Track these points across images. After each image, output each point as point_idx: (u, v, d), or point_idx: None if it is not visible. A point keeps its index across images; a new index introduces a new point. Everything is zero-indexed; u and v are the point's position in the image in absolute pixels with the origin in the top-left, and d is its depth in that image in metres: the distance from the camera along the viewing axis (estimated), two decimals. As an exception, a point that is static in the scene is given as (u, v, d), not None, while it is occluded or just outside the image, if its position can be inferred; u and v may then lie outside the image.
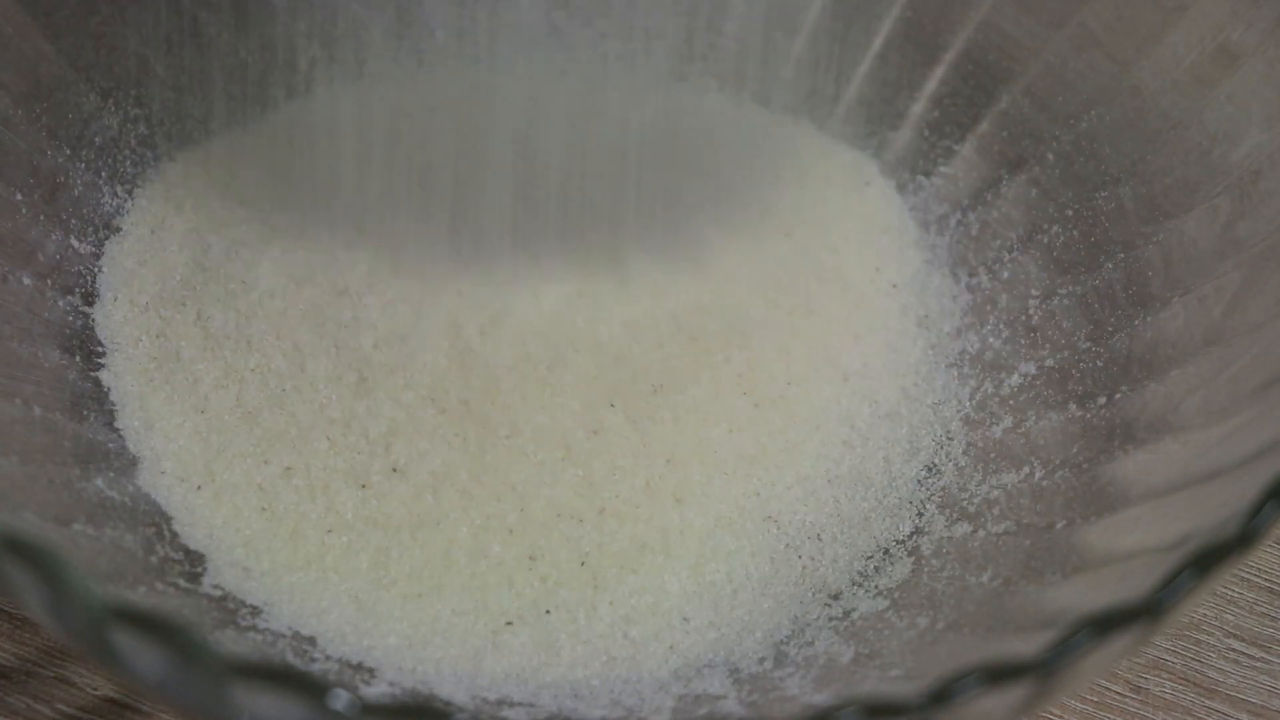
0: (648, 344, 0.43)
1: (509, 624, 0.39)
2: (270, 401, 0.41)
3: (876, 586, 0.41)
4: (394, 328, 0.42)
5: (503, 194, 0.44)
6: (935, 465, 0.43)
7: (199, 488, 0.40)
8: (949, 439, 0.44)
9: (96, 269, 0.44)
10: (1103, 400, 0.42)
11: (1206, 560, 0.30)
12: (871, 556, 0.42)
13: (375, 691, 0.36)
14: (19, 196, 0.42)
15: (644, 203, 0.45)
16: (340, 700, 0.27)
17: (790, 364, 0.44)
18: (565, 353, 0.42)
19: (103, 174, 0.45)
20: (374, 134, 0.44)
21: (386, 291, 0.43)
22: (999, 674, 0.28)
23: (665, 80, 0.45)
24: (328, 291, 0.43)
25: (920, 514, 0.42)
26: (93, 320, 0.43)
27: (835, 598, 0.41)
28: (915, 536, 0.42)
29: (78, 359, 0.42)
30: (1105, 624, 0.29)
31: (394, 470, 0.40)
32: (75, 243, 0.43)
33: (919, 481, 0.43)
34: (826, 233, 0.47)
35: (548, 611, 0.39)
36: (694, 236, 0.45)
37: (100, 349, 0.42)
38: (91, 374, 0.42)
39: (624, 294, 0.44)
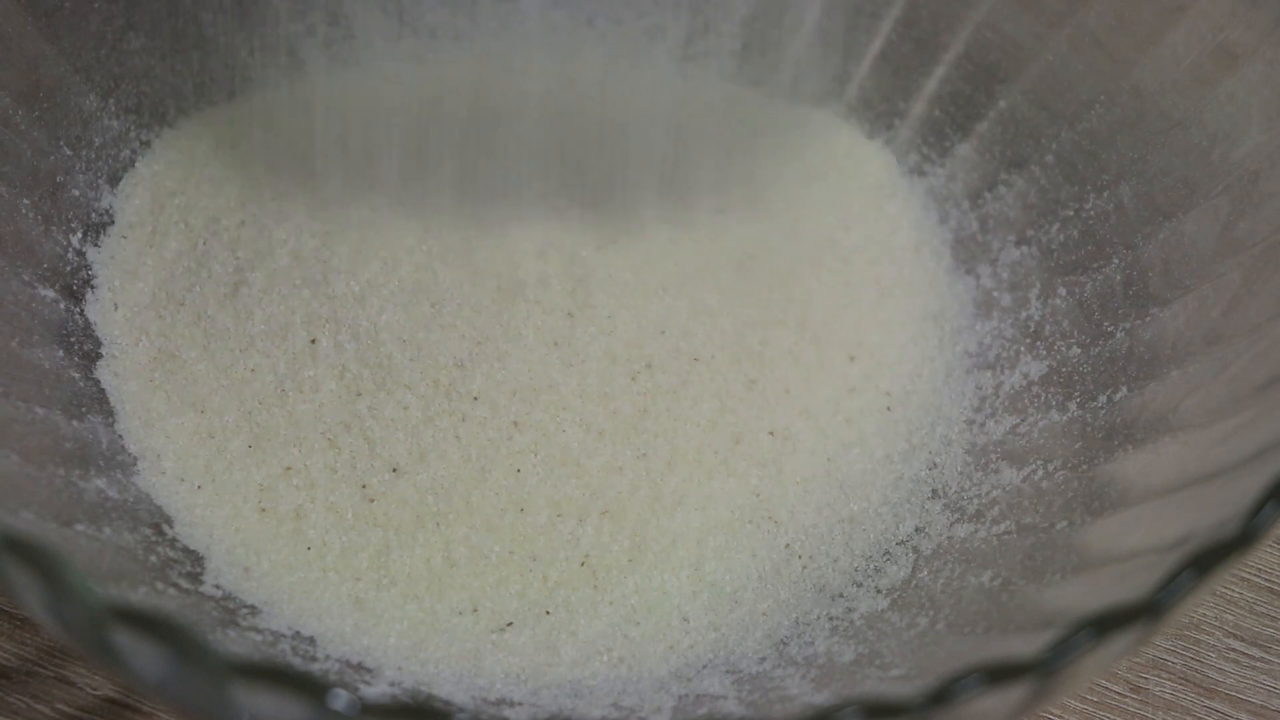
0: (648, 345, 0.43)
1: (509, 624, 0.39)
2: (270, 401, 0.41)
3: (876, 586, 0.41)
4: (394, 328, 0.42)
5: (504, 192, 0.44)
6: (936, 465, 0.43)
7: (199, 488, 0.40)
8: (949, 439, 0.44)
9: (96, 269, 0.44)
10: (1103, 400, 0.42)
11: (1206, 560, 0.30)
12: (871, 556, 0.42)
13: (375, 691, 0.36)
14: (19, 196, 0.42)
15: (641, 204, 0.45)
16: (340, 700, 0.27)
17: (791, 365, 0.44)
18: (566, 354, 0.42)
19: (103, 174, 0.45)
20: (374, 130, 0.43)
21: (387, 292, 0.43)
22: (999, 674, 0.28)
23: (669, 73, 0.45)
24: (328, 292, 0.43)
25: (920, 514, 0.42)
26: (93, 320, 0.43)
27: (835, 598, 0.41)
28: (915, 536, 0.42)
29: (78, 359, 0.42)
30: (1105, 624, 0.29)
31: (394, 470, 0.40)
32: (75, 243, 0.43)
33: (919, 481, 0.43)
34: (828, 230, 0.47)
35: (548, 611, 0.39)
36: (696, 236, 0.45)
37: (100, 349, 0.42)
38: (91, 374, 0.42)
39: (625, 297, 0.44)
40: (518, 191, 0.44)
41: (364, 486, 0.40)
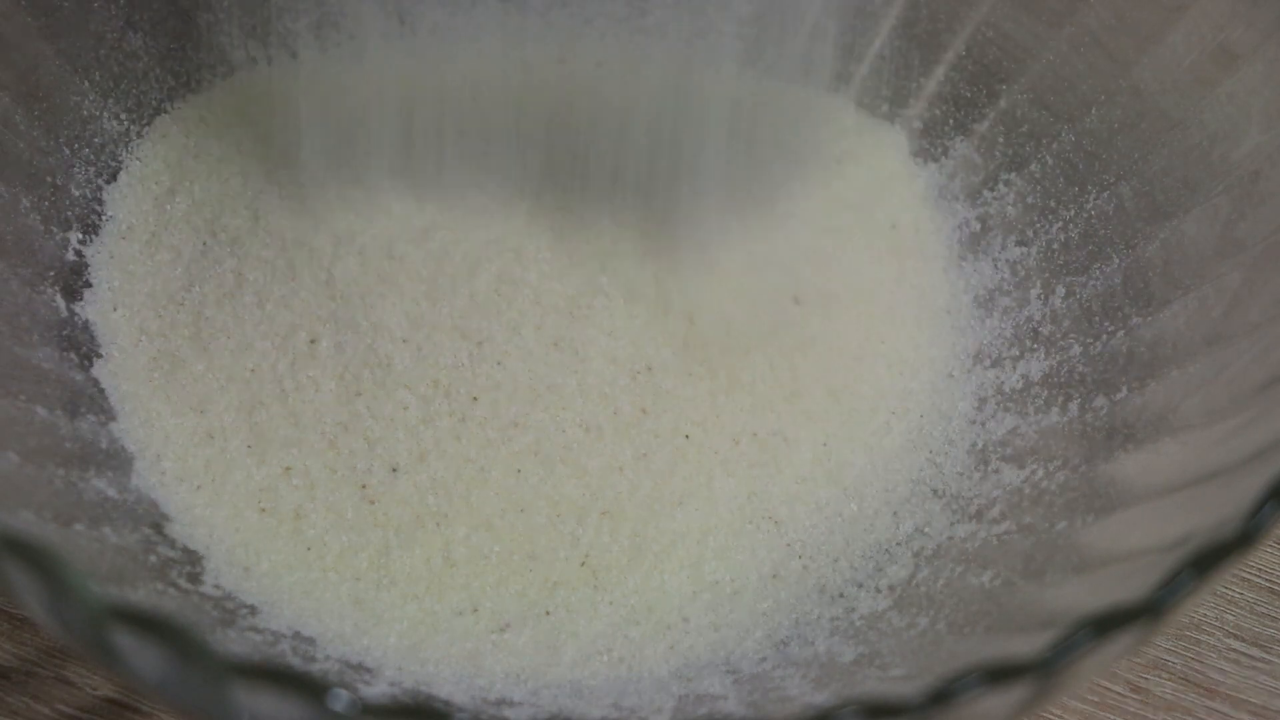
0: (648, 345, 0.43)
1: (509, 624, 0.39)
2: (270, 401, 0.41)
3: (877, 586, 0.41)
4: (394, 328, 0.42)
5: (505, 191, 0.44)
6: (936, 465, 0.44)
7: (199, 487, 0.40)
8: (950, 439, 0.44)
9: (95, 268, 0.44)
10: (1103, 400, 0.42)
11: (1206, 560, 0.30)
12: (872, 556, 0.42)
13: (375, 691, 0.36)
14: (19, 196, 0.42)
15: (641, 201, 0.45)
16: (340, 700, 0.27)
17: (790, 365, 0.44)
18: (567, 354, 0.42)
19: (103, 174, 0.45)
20: (374, 130, 0.43)
21: (385, 292, 0.43)
22: (999, 674, 0.28)
23: (670, 72, 0.45)
24: (328, 292, 0.43)
25: (920, 514, 0.42)
26: (92, 320, 0.43)
27: (836, 598, 0.41)
28: (915, 536, 0.42)
29: (78, 359, 0.42)
30: (1105, 624, 0.29)
31: (394, 470, 0.40)
32: (75, 242, 0.43)
33: (919, 481, 0.43)
34: (829, 229, 0.47)
35: (548, 611, 0.39)
36: (696, 235, 0.45)
37: (99, 349, 0.42)
38: (91, 374, 0.42)
39: (626, 296, 0.44)
40: (518, 191, 0.44)
41: (364, 486, 0.40)
